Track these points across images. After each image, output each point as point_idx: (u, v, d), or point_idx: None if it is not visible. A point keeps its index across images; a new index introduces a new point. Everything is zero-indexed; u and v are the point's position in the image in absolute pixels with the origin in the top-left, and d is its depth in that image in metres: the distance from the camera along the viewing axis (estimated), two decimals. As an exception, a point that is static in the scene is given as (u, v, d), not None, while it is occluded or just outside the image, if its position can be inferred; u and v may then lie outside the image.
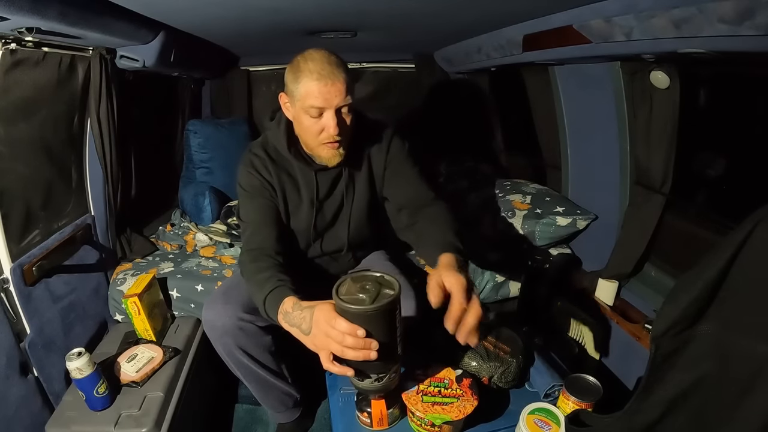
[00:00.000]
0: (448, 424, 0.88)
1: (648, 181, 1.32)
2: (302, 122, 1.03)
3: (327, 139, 1.03)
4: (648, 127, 1.26)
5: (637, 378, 1.32)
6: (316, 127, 1.01)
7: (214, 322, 1.13)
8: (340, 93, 0.98)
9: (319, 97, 0.97)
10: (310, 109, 0.99)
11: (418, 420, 0.91)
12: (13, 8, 0.80)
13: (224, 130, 2.25)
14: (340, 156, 1.08)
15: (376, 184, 1.23)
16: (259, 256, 1.02)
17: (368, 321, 0.76)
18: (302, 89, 0.98)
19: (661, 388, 0.69)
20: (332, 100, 0.98)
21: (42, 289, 1.25)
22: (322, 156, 1.09)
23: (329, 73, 0.96)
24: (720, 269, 0.62)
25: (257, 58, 2.38)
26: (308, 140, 1.07)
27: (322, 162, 1.11)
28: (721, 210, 1.28)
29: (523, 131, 2.09)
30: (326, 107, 0.98)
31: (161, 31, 1.37)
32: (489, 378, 1.00)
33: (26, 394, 1.15)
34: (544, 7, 1.09)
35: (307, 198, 1.17)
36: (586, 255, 1.69)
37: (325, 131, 1.01)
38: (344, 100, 0.99)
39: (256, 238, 1.08)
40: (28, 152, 1.25)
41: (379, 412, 0.93)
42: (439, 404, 0.89)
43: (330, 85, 0.96)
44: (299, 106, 1.01)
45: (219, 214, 2.03)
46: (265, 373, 1.24)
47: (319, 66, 0.97)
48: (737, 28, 0.71)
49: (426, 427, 0.90)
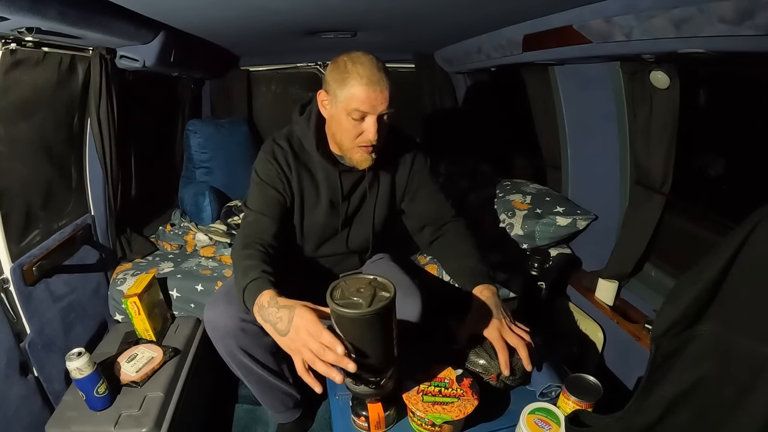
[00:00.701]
0: (449, 423, 0.88)
1: (648, 181, 1.32)
2: (341, 123, 1.04)
3: (364, 143, 1.04)
4: (648, 127, 1.26)
5: (637, 378, 1.32)
6: (356, 130, 1.03)
7: (216, 322, 1.13)
8: (385, 100, 0.99)
9: (366, 102, 0.98)
10: (353, 112, 1.00)
11: (419, 420, 0.90)
12: (13, 8, 0.80)
13: (224, 130, 2.25)
14: (371, 160, 1.09)
15: (397, 194, 1.25)
16: (252, 244, 1.02)
17: (365, 325, 0.75)
18: (348, 92, 0.99)
19: (661, 388, 0.69)
20: (377, 107, 0.99)
21: (42, 289, 1.25)
22: (354, 158, 1.09)
23: (378, 79, 0.98)
24: (720, 269, 0.62)
25: (257, 58, 2.38)
26: (345, 141, 1.07)
27: (353, 164, 1.12)
28: (721, 210, 1.28)
29: (523, 131, 2.09)
30: (370, 113, 1.00)
31: (161, 31, 1.37)
32: (497, 376, 1.00)
33: (26, 394, 1.15)
34: (544, 7, 1.09)
35: (326, 197, 1.18)
36: (586, 255, 1.69)
37: (363, 135, 1.03)
38: (388, 108, 1.00)
39: (255, 226, 1.08)
40: (28, 152, 1.24)
41: (377, 415, 0.91)
42: (439, 404, 0.89)
43: (378, 92, 0.98)
44: (342, 108, 1.01)
45: (219, 214, 2.03)
46: (266, 374, 1.23)
47: (369, 71, 0.98)
48: (737, 28, 0.71)
49: (426, 427, 0.90)
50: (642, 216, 1.35)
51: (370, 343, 0.78)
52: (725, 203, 1.34)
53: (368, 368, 0.80)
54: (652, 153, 1.28)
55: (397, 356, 0.85)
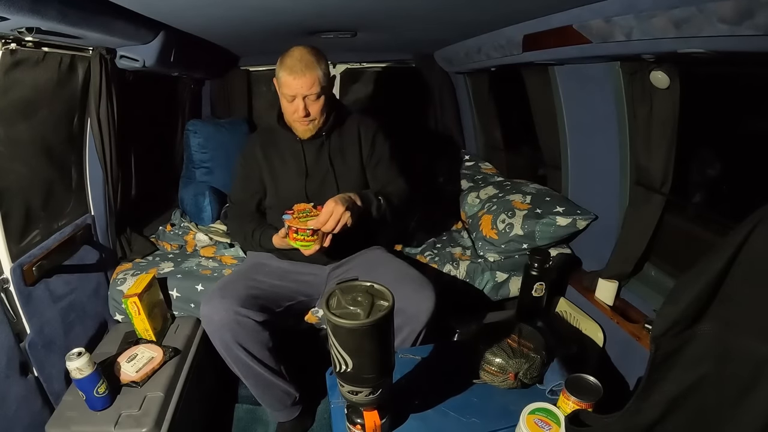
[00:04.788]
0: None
1: (648, 181, 1.31)
2: (282, 102, 1.31)
3: (297, 119, 1.28)
4: (648, 127, 1.26)
5: (637, 378, 1.32)
6: (291, 107, 1.27)
7: (212, 316, 1.15)
8: (306, 85, 1.22)
9: (290, 86, 1.23)
10: (285, 95, 1.26)
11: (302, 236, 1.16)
12: (13, 8, 0.80)
13: (224, 130, 2.25)
14: (310, 131, 1.33)
15: (364, 162, 1.44)
16: (245, 209, 1.46)
17: (364, 335, 0.73)
18: (280, 79, 1.25)
19: (661, 387, 0.68)
20: (299, 90, 1.22)
21: (42, 289, 1.25)
22: (297, 130, 1.34)
23: (300, 68, 1.21)
24: (720, 269, 0.62)
25: (257, 58, 2.38)
26: (287, 116, 1.34)
27: (297, 135, 1.35)
28: (721, 210, 1.28)
29: (523, 131, 2.09)
30: (296, 94, 1.24)
31: (161, 31, 1.37)
32: (515, 374, 1.00)
33: (26, 394, 1.15)
34: (544, 7, 1.09)
35: (294, 165, 1.40)
36: (586, 255, 1.69)
37: (296, 113, 1.26)
38: (310, 91, 1.23)
39: (239, 194, 1.47)
40: (28, 152, 1.25)
41: (372, 423, 0.89)
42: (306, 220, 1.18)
43: (299, 79, 1.21)
44: (280, 91, 1.29)
45: (219, 214, 2.03)
46: (263, 371, 1.24)
47: (293, 62, 1.22)
48: (737, 28, 0.71)
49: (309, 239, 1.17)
50: (642, 216, 1.35)
51: (368, 352, 0.76)
52: (725, 203, 1.34)
53: (365, 377, 0.78)
54: (652, 153, 1.27)
55: (394, 364, 0.84)
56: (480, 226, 1.76)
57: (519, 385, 1.02)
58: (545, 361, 1.03)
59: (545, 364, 1.03)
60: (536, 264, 1.31)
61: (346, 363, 0.76)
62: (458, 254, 1.74)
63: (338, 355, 0.76)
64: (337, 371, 0.79)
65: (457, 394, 1.02)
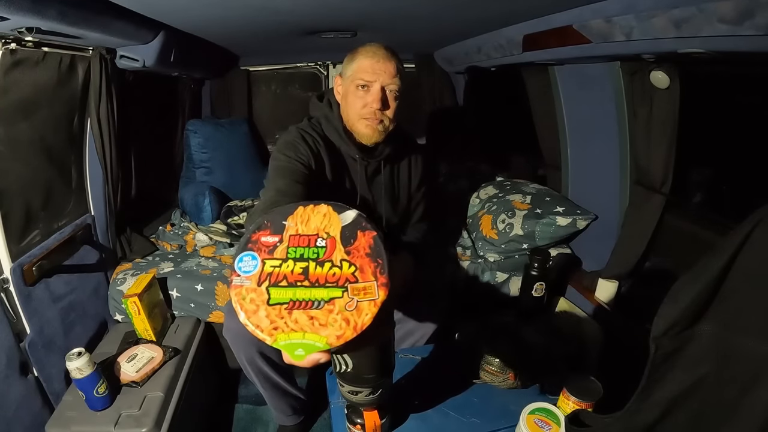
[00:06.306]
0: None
1: (648, 181, 1.31)
2: (348, 96, 1.09)
3: (368, 114, 1.06)
4: (648, 127, 1.26)
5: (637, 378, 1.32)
6: (362, 101, 1.06)
7: (237, 330, 1.12)
8: (389, 72, 1.04)
9: (369, 70, 1.04)
10: (358, 80, 1.05)
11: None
12: (13, 8, 0.80)
13: (224, 130, 2.25)
14: (378, 134, 1.10)
15: (402, 194, 1.29)
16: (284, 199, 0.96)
17: (362, 338, 0.73)
18: (355, 65, 1.06)
19: (661, 388, 0.69)
20: (381, 76, 1.04)
21: (42, 289, 1.25)
22: (360, 131, 1.10)
23: (383, 54, 1.05)
24: (720, 269, 0.62)
25: (257, 58, 2.38)
26: (351, 114, 1.10)
27: (361, 139, 1.12)
28: (721, 210, 1.28)
29: (523, 131, 2.09)
30: (374, 81, 1.04)
31: (161, 31, 1.37)
32: (515, 375, 1.00)
33: (26, 394, 1.15)
34: (544, 7, 1.09)
35: (347, 183, 1.19)
36: (586, 255, 1.69)
37: (367, 106, 1.06)
38: (391, 81, 1.05)
39: (280, 182, 0.99)
40: (28, 152, 1.24)
41: (373, 423, 0.89)
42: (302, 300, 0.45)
43: (381, 63, 1.04)
44: (350, 81, 1.07)
45: (219, 214, 2.03)
46: (281, 380, 1.24)
47: (375, 48, 1.06)
48: (737, 28, 0.71)
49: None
50: (642, 216, 1.35)
51: (367, 353, 0.76)
52: (725, 203, 1.34)
53: (365, 377, 0.79)
54: (652, 153, 1.27)
55: (393, 363, 0.84)
56: (480, 226, 1.76)
57: (519, 385, 1.02)
58: (545, 363, 1.03)
59: (545, 364, 1.03)
60: (536, 264, 1.31)
61: (346, 363, 0.76)
62: (458, 254, 1.74)
63: (338, 355, 0.76)
64: (337, 371, 0.79)
65: (457, 394, 1.02)
